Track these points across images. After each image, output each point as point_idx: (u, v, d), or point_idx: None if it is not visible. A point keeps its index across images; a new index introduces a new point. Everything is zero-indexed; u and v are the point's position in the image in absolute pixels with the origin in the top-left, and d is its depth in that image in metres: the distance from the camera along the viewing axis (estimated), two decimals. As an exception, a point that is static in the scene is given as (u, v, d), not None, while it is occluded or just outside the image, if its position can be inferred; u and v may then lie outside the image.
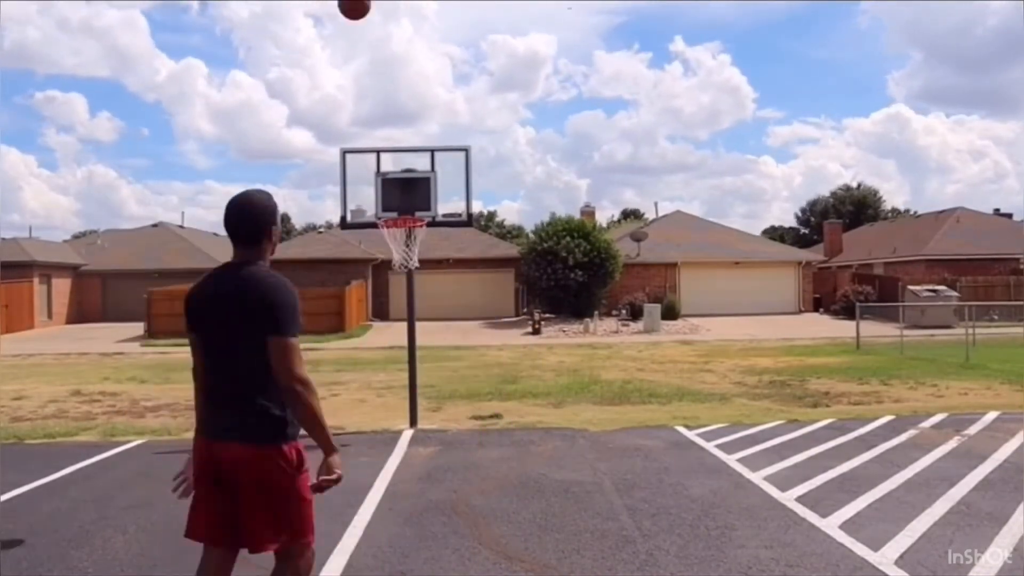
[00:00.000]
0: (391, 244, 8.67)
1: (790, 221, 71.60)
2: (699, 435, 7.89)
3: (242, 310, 2.76)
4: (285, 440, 2.80)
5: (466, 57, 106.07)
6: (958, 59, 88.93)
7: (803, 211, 68.87)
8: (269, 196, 2.98)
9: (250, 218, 2.93)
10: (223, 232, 3.12)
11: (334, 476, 2.82)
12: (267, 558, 2.94)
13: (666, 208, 46.72)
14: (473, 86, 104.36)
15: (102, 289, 35.44)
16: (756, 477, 6.11)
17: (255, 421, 2.75)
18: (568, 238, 29.06)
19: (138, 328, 27.58)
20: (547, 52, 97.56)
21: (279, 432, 2.78)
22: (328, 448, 2.83)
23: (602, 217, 43.07)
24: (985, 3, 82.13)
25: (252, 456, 2.73)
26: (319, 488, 2.84)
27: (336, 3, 4.79)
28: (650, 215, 49.30)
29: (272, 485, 2.76)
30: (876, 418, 8.75)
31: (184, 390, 12.58)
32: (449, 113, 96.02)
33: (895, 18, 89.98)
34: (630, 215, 63.91)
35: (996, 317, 24.49)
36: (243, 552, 2.90)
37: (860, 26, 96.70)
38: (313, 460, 2.91)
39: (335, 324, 26.38)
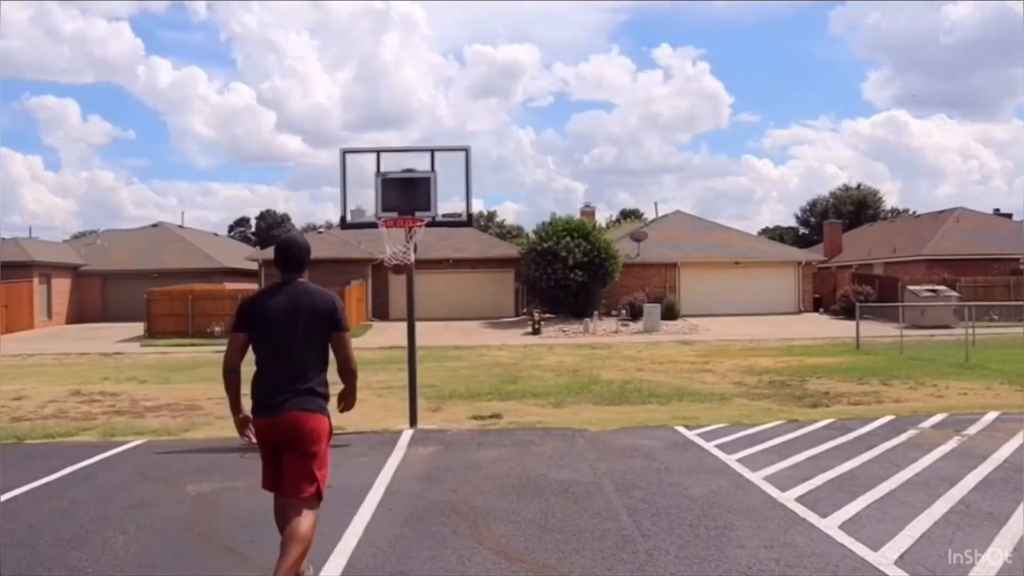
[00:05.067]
0: (387, 242, 8.67)
1: (781, 222, 71.66)
2: (699, 435, 7.89)
3: (314, 316, 3.79)
4: (326, 414, 3.84)
5: (452, 63, 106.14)
6: (928, 64, 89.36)
7: (803, 211, 68.92)
8: (304, 237, 4.27)
9: (303, 253, 3.99)
10: (222, 232, 3.22)
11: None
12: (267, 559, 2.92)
13: (665, 209, 46.76)
14: (459, 91, 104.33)
15: (102, 289, 35.45)
16: (756, 477, 6.11)
17: (313, 397, 3.78)
18: (568, 238, 29.06)
19: (138, 328, 27.57)
20: (531, 59, 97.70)
21: (325, 407, 3.84)
22: (354, 402, 4.08)
23: (599, 219, 43.01)
24: (952, 6, 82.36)
25: (308, 420, 3.73)
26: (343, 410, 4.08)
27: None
28: (648, 216, 49.37)
29: (317, 444, 3.75)
30: (876, 418, 8.74)
31: (184, 390, 12.60)
32: (433, 118, 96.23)
33: (864, 23, 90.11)
34: (629, 215, 63.88)
35: (996, 317, 24.48)
36: (245, 552, 2.90)
37: (835, 31, 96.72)
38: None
39: (335, 324, 26.33)
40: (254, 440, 3.86)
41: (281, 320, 3.76)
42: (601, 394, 11.41)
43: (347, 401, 4.05)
